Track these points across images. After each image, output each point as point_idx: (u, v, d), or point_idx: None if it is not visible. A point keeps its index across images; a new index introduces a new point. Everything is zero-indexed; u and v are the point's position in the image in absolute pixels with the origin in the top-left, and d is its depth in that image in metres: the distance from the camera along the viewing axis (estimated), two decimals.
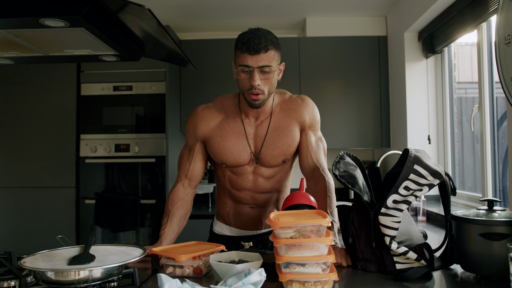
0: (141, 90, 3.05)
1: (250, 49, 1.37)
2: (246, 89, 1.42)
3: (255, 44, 1.37)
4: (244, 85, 1.43)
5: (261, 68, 1.39)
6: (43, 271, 0.92)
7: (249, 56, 1.38)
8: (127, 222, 3.00)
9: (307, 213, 1.14)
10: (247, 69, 1.40)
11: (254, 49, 1.37)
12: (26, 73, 3.12)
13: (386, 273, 1.21)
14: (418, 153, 1.26)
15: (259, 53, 1.37)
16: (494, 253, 1.09)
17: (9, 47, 1.19)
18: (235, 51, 1.43)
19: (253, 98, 1.42)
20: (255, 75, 1.39)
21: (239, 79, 1.44)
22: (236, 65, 1.43)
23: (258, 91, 1.41)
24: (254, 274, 0.97)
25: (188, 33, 3.71)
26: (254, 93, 1.41)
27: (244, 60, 1.39)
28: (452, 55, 2.75)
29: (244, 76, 1.41)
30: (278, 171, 1.57)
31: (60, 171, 3.06)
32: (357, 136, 3.28)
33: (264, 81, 1.41)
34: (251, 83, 1.40)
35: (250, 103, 1.45)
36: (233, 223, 1.65)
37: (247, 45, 1.37)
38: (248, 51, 1.37)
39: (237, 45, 1.42)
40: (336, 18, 3.46)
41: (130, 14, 0.97)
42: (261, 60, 1.38)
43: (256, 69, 1.39)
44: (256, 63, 1.38)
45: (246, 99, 1.45)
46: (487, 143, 2.19)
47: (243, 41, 1.39)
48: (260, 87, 1.40)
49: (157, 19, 0.93)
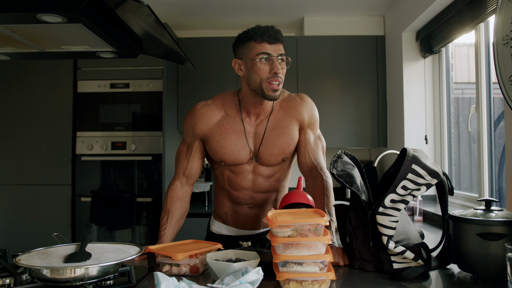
0: (138, 87, 3.03)
1: (271, 37, 1.39)
2: (266, 78, 1.41)
3: (274, 32, 1.40)
4: (263, 74, 1.41)
5: (281, 56, 1.41)
6: (39, 269, 0.91)
7: (269, 45, 1.39)
8: (123, 220, 2.99)
9: (305, 212, 1.14)
10: (268, 58, 1.40)
11: (275, 37, 1.39)
12: (22, 70, 3.09)
13: (383, 273, 1.21)
14: (416, 152, 1.26)
15: (278, 42, 1.41)
16: (491, 253, 1.09)
17: (5, 43, 1.18)
18: (247, 43, 1.42)
19: (273, 87, 1.41)
20: (277, 63, 1.40)
21: (255, 70, 1.41)
22: (250, 56, 1.42)
23: (280, 79, 1.41)
24: (251, 273, 0.97)
25: (185, 31, 3.69)
26: (276, 81, 1.40)
27: (263, 49, 1.39)
28: (449, 55, 2.76)
29: (263, 65, 1.40)
30: (277, 170, 1.56)
31: (56, 169, 3.04)
32: (354, 135, 3.28)
33: (283, 71, 1.43)
34: (274, 70, 1.39)
35: (269, 95, 1.42)
36: (231, 222, 1.64)
37: (267, 34, 1.39)
38: (269, 39, 1.39)
39: (251, 36, 1.41)
40: (334, 17, 3.46)
41: (128, 10, 0.96)
42: (280, 49, 1.41)
43: (276, 57, 1.40)
44: (277, 51, 1.40)
45: (264, 90, 1.42)
46: (484, 143, 2.19)
47: (259, 32, 1.40)
48: (280, 75, 1.41)
49: (155, 16, 0.92)
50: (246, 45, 1.43)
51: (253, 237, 1.63)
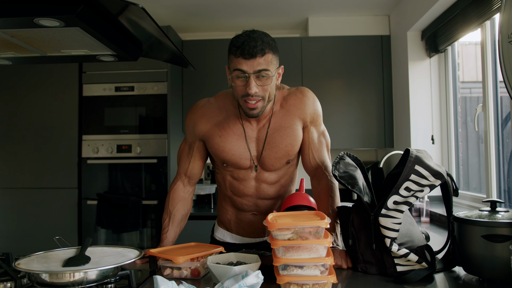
0: (143, 90, 3.04)
1: (245, 52, 1.25)
2: (241, 95, 1.32)
3: (251, 47, 1.25)
4: (239, 91, 1.32)
5: (258, 73, 1.28)
6: (37, 273, 0.91)
7: (244, 60, 1.26)
8: (129, 223, 3.00)
9: (305, 214, 1.13)
10: (242, 75, 1.29)
11: (250, 52, 1.25)
12: (28, 75, 3.13)
13: (386, 275, 1.19)
14: (419, 153, 1.24)
15: (255, 57, 1.26)
16: (497, 255, 1.07)
17: (6, 48, 1.18)
18: (229, 55, 1.32)
19: (249, 106, 1.32)
20: (251, 82, 1.28)
21: (233, 86, 1.33)
22: (230, 69, 1.32)
23: (256, 98, 1.30)
24: (251, 277, 0.96)
25: (190, 34, 3.70)
26: (251, 101, 1.30)
27: (238, 65, 1.27)
28: (455, 54, 2.72)
29: (239, 82, 1.30)
30: (282, 175, 1.50)
31: (62, 172, 3.06)
32: (360, 136, 3.26)
33: (262, 88, 1.30)
34: (246, 91, 1.29)
35: (247, 113, 1.35)
36: (235, 230, 1.59)
37: (242, 49, 1.25)
38: (243, 55, 1.26)
39: (230, 49, 1.31)
40: (338, 17, 3.44)
41: (125, 13, 0.95)
42: (258, 64, 1.27)
43: (252, 74, 1.28)
44: (252, 68, 1.27)
45: (242, 107, 1.35)
46: (491, 143, 2.16)
47: (237, 45, 1.27)
48: (258, 93, 1.30)
49: (151, 18, 0.92)
50: (229, 56, 1.33)
51: (257, 245, 1.57)
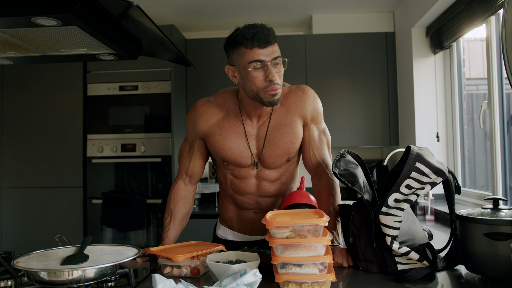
0: (147, 89, 3.05)
1: (261, 41, 1.26)
2: (262, 87, 1.31)
3: (265, 35, 1.27)
4: (259, 83, 1.31)
5: (275, 60, 1.30)
6: (36, 271, 0.92)
7: (260, 50, 1.27)
8: (134, 221, 3.01)
9: (304, 212, 1.12)
10: (260, 65, 1.29)
11: (266, 40, 1.27)
12: (33, 75, 3.15)
13: (387, 274, 1.18)
14: (421, 150, 1.22)
15: (271, 44, 1.28)
16: (499, 254, 1.05)
17: (6, 47, 1.19)
18: (237, 49, 1.31)
19: (272, 94, 1.31)
20: (271, 70, 1.29)
21: (249, 79, 1.31)
22: (242, 64, 1.31)
23: (277, 86, 1.30)
24: (248, 275, 0.95)
25: (193, 32, 3.70)
26: (274, 89, 1.30)
27: (255, 56, 1.27)
28: (461, 51, 2.69)
29: (257, 74, 1.30)
30: (283, 173, 1.50)
31: (67, 171, 3.08)
32: (365, 134, 3.23)
33: (279, 74, 1.32)
34: (270, 79, 1.29)
35: (269, 101, 1.33)
36: (237, 228, 1.59)
37: (257, 38, 1.26)
38: (259, 44, 1.27)
39: (240, 42, 1.29)
40: (342, 14, 3.42)
41: (122, 11, 0.95)
42: (273, 52, 1.29)
43: (270, 62, 1.29)
44: (270, 55, 1.29)
45: (262, 99, 1.33)
46: (496, 140, 2.13)
47: (248, 36, 1.27)
48: (277, 81, 1.31)
49: (147, 16, 0.92)
50: (237, 51, 1.32)
51: (259, 243, 1.56)
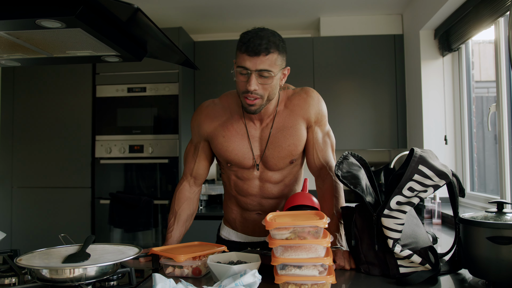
0: (155, 91, 3.08)
1: (249, 50, 1.27)
2: (241, 92, 1.34)
3: (255, 45, 1.27)
4: (240, 88, 1.34)
5: (260, 72, 1.29)
6: (37, 269, 0.93)
7: (248, 57, 1.28)
8: (141, 222, 3.04)
9: (304, 214, 1.12)
10: (245, 72, 1.30)
11: (254, 50, 1.27)
12: (43, 77, 3.20)
13: (389, 277, 1.17)
14: (424, 153, 1.21)
15: (258, 55, 1.27)
16: (503, 258, 1.04)
17: (13, 49, 1.21)
18: (236, 50, 1.34)
19: (248, 102, 1.33)
20: (252, 79, 1.29)
21: (236, 81, 1.35)
22: (236, 64, 1.35)
23: (255, 96, 1.31)
24: (247, 276, 0.95)
25: (201, 35, 3.72)
26: (250, 98, 1.32)
27: (242, 61, 1.29)
28: (469, 53, 2.66)
29: (242, 78, 1.32)
30: (286, 175, 1.50)
31: (76, 172, 3.12)
32: (373, 136, 3.22)
33: (262, 86, 1.31)
34: (246, 87, 1.31)
35: (245, 108, 1.36)
36: (240, 229, 1.60)
37: (247, 45, 1.27)
38: (247, 52, 1.27)
39: (238, 44, 1.33)
40: (351, 17, 3.41)
41: (123, 13, 0.97)
42: (261, 63, 1.28)
43: (254, 72, 1.29)
44: (255, 65, 1.28)
45: (242, 102, 1.37)
46: (505, 143, 2.10)
47: (243, 41, 1.29)
48: (258, 91, 1.31)
49: (148, 18, 0.93)
50: (236, 51, 1.35)
51: (262, 244, 1.57)
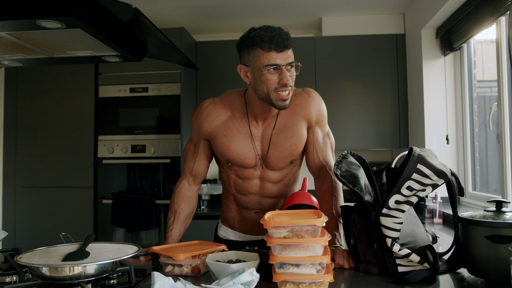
0: (157, 91, 3.09)
1: (279, 45, 1.29)
2: (274, 88, 1.34)
3: (283, 39, 1.30)
4: (271, 85, 1.34)
5: (290, 64, 1.33)
6: (37, 267, 0.94)
7: (277, 53, 1.30)
8: (143, 222, 3.05)
9: (302, 213, 1.12)
10: (275, 68, 1.32)
11: (284, 45, 1.30)
12: (46, 77, 3.22)
13: (388, 276, 1.17)
14: (423, 152, 1.21)
15: (287, 49, 1.32)
16: (501, 257, 1.03)
17: (14, 50, 1.22)
18: (251, 50, 1.34)
19: (283, 98, 1.34)
20: (286, 73, 1.32)
21: (263, 80, 1.34)
22: (257, 66, 1.34)
23: (289, 89, 1.34)
24: (245, 274, 0.96)
25: (203, 35, 3.73)
26: (285, 91, 1.33)
27: (271, 59, 1.30)
28: (471, 52, 2.65)
29: (272, 76, 1.33)
30: (286, 175, 1.52)
31: (78, 172, 3.14)
32: (374, 136, 3.21)
33: (291, 78, 1.36)
34: (283, 81, 1.32)
35: (278, 105, 1.36)
36: (238, 227, 1.61)
37: (275, 42, 1.29)
38: (277, 48, 1.30)
39: (257, 43, 1.32)
40: (352, 16, 3.41)
41: (123, 14, 0.97)
42: (288, 57, 1.33)
43: (285, 66, 1.32)
44: (285, 60, 1.32)
45: (273, 100, 1.36)
46: (506, 142, 2.10)
47: (266, 39, 1.30)
48: (291, 83, 1.35)
49: (147, 18, 0.94)
50: (253, 52, 1.34)
51: (260, 242, 1.58)
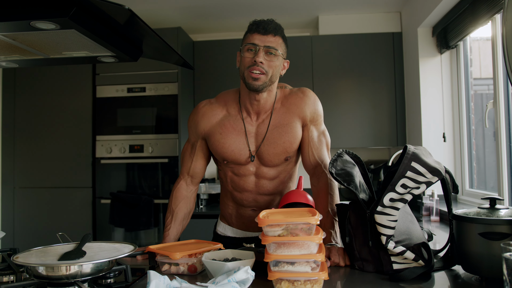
0: (154, 91, 3.10)
1: (260, 28, 1.38)
2: (247, 66, 1.39)
3: (266, 24, 1.39)
4: (246, 63, 1.40)
5: (267, 48, 1.38)
6: (34, 266, 0.95)
7: (258, 35, 1.38)
8: (141, 221, 3.06)
9: (297, 211, 1.13)
10: (253, 47, 1.39)
11: (264, 28, 1.38)
12: (44, 77, 3.23)
13: (383, 273, 1.18)
14: (417, 150, 1.22)
15: (268, 34, 1.38)
16: (495, 254, 1.04)
17: (10, 51, 1.23)
18: (244, 36, 1.44)
19: (253, 76, 1.38)
20: (260, 52, 1.38)
21: (242, 58, 1.42)
22: (243, 46, 1.43)
23: (260, 69, 1.37)
24: (240, 272, 0.97)
25: (200, 34, 3.74)
26: (256, 71, 1.37)
27: (251, 39, 1.39)
28: (467, 50, 2.66)
29: (248, 54, 1.40)
30: (281, 171, 1.53)
31: (77, 172, 3.15)
32: (372, 134, 3.22)
33: (268, 63, 1.39)
34: (255, 59, 1.37)
35: (249, 83, 1.39)
36: (236, 224, 1.63)
37: (258, 25, 1.39)
38: (258, 30, 1.38)
39: (247, 28, 1.43)
40: (349, 15, 3.41)
41: (115, 14, 0.98)
42: (269, 41, 1.38)
43: (262, 48, 1.38)
44: (263, 42, 1.38)
45: (246, 80, 1.40)
46: (502, 140, 2.11)
47: (254, 23, 1.41)
48: (264, 66, 1.38)
49: (140, 19, 0.94)
50: (244, 36, 1.44)
51: (257, 239, 1.59)
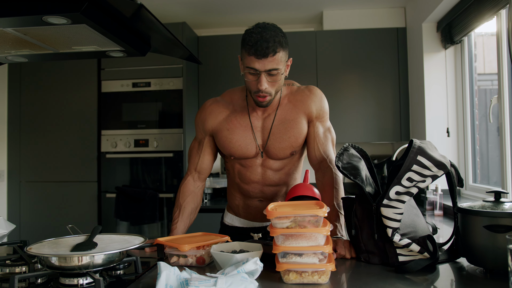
0: (159, 86, 3.11)
1: (257, 53, 1.33)
2: (253, 91, 1.42)
3: (263, 48, 1.33)
4: (251, 87, 1.42)
5: (269, 71, 1.37)
6: (47, 257, 0.97)
7: (257, 60, 1.35)
8: (146, 215, 3.08)
9: (305, 204, 1.15)
10: (254, 72, 1.38)
11: (262, 53, 1.33)
12: (49, 72, 3.24)
13: (389, 265, 1.20)
14: (423, 144, 1.23)
15: (266, 57, 1.34)
16: (499, 246, 1.06)
17: (20, 45, 1.24)
18: (242, 49, 1.41)
19: (260, 100, 1.43)
20: (262, 79, 1.37)
21: (246, 80, 1.43)
22: (243, 65, 1.41)
23: (265, 94, 1.41)
24: (249, 263, 0.98)
25: (205, 30, 3.74)
26: (261, 96, 1.41)
27: (251, 63, 1.36)
28: (472, 45, 2.66)
29: (251, 78, 1.40)
30: (286, 163, 1.57)
31: (82, 166, 3.17)
32: (376, 129, 3.23)
33: (271, 83, 1.40)
34: (258, 87, 1.39)
35: (258, 103, 1.46)
36: (243, 214, 1.67)
37: (255, 48, 1.33)
38: (256, 55, 1.34)
39: (243, 45, 1.38)
40: (353, 10, 3.41)
41: (127, 9, 0.99)
42: (269, 63, 1.35)
43: (264, 72, 1.37)
44: (264, 66, 1.36)
45: (253, 99, 1.46)
46: (506, 135, 2.11)
47: (250, 43, 1.35)
48: (267, 90, 1.40)
49: (151, 14, 0.95)
50: (242, 50, 1.41)
51: (264, 229, 1.65)
